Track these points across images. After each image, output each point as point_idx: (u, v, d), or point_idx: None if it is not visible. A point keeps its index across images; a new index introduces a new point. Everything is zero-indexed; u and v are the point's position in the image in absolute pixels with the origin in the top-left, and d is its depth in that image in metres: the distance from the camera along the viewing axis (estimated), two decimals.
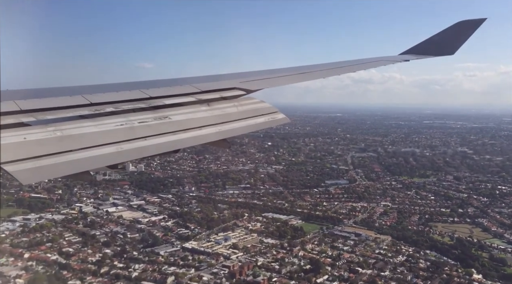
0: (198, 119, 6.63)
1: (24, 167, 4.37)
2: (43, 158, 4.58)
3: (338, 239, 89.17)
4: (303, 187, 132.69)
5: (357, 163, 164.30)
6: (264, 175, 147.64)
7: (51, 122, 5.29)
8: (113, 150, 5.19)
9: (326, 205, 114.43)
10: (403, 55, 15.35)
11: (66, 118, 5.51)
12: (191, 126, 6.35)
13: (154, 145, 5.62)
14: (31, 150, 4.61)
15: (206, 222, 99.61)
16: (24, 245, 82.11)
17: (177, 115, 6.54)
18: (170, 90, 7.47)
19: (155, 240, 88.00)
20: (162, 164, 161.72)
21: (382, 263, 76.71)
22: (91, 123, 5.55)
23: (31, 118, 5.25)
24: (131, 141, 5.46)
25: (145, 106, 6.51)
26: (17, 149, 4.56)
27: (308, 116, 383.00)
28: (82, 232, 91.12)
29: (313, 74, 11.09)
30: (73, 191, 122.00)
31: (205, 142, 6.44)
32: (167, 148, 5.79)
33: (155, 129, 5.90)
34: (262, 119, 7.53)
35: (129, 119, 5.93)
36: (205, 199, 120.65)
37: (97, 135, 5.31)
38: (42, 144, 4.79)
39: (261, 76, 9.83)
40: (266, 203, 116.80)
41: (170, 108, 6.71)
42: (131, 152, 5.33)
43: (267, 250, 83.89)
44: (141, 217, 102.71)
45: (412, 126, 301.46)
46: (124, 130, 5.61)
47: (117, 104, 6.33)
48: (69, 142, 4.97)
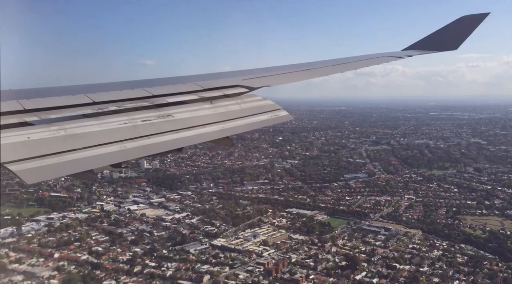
0: (201, 117, 6.60)
1: (28, 167, 4.34)
2: (47, 157, 4.55)
3: (368, 234, 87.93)
4: (322, 182, 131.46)
5: (373, 156, 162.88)
6: (281, 170, 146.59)
7: (54, 121, 5.28)
8: (117, 148, 5.17)
9: (349, 200, 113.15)
10: (406, 51, 15.30)
11: (69, 117, 5.50)
12: (194, 124, 6.34)
13: (157, 143, 5.61)
14: (35, 149, 4.59)
15: (231, 219, 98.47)
16: (52, 245, 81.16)
17: (180, 113, 6.51)
18: (173, 88, 7.44)
19: (183, 238, 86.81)
20: (176, 161, 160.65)
21: (418, 258, 75.50)
22: (95, 122, 5.53)
23: (35, 118, 5.24)
24: (134, 140, 5.44)
25: (148, 105, 6.47)
26: (21, 149, 4.53)
27: (313, 110, 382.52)
28: (108, 230, 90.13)
29: (315, 72, 10.98)
30: (92, 189, 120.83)
31: (208, 140, 6.36)
32: (170, 146, 5.78)
33: (158, 127, 5.89)
34: (265, 116, 7.47)
35: (132, 117, 5.90)
36: (225, 195, 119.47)
37: (101, 134, 5.31)
38: (45, 143, 4.77)
39: (263, 73, 9.80)
40: (287, 199, 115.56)
41: (173, 106, 6.69)
42: (134, 150, 5.31)
43: (298, 246, 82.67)
44: (164, 215, 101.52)
45: (419, 118, 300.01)
46: (127, 129, 5.61)
47: (120, 102, 6.31)
48: (73, 141, 4.97)
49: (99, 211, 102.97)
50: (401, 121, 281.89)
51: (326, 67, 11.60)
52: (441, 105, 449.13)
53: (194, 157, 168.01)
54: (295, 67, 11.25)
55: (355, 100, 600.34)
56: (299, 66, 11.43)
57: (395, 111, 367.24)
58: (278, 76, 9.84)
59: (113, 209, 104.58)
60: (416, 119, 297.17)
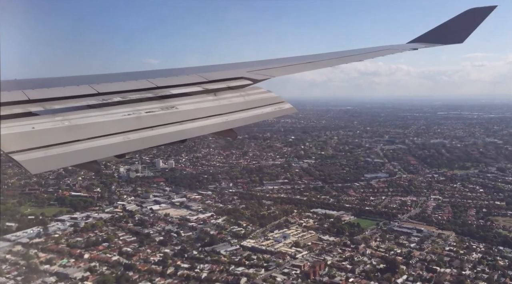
0: (205, 109, 6.57)
1: (33, 157, 4.33)
2: (51, 147, 4.54)
3: (400, 235, 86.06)
4: (343, 181, 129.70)
5: (390, 155, 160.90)
6: (299, 169, 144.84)
7: (59, 111, 5.25)
8: (120, 139, 5.12)
9: (374, 200, 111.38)
10: (412, 44, 15.00)
11: (73, 108, 5.48)
12: (198, 116, 6.28)
13: (161, 134, 5.56)
14: (39, 139, 4.59)
15: (257, 219, 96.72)
16: (81, 245, 79.71)
17: (184, 105, 6.45)
18: (177, 80, 7.40)
19: (211, 239, 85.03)
20: (191, 160, 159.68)
21: (458, 261, 73.58)
22: (99, 112, 5.50)
23: (39, 108, 5.21)
24: (138, 131, 5.40)
25: (152, 96, 6.45)
26: (26, 139, 4.53)
27: (320, 110, 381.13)
28: (134, 231, 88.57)
29: (320, 63, 10.85)
30: (112, 189, 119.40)
31: (212, 132, 6.33)
32: (174, 138, 5.69)
33: (162, 119, 5.86)
34: (268, 109, 7.39)
35: (136, 108, 5.88)
36: (246, 195, 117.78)
37: (105, 125, 5.27)
38: (50, 133, 4.76)
39: (268, 65, 9.69)
40: (310, 199, 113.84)
41: (177, 97, 6.65)
42: (138, 141, 5.26)
43: (330, 248, 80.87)
44: (188, 215, 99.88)
45: (428, 118, 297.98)
46: (131, 120, 5.58)
47: (124, 93, 6.28)
48: (77, 132, 4.95)
49: (122, 211, 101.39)
50: (411, 121, 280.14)
51: (330, 59, 11.52)
52: (447, 104, 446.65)
53: (208, 156, 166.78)
54: (299, 59, 11.18)
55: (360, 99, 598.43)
56: (303, 58, 11.37)
57: (403, 111, 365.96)
58: (282, 68, 9.72)
59: (135, 209, 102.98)
60: (425, 118, 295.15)
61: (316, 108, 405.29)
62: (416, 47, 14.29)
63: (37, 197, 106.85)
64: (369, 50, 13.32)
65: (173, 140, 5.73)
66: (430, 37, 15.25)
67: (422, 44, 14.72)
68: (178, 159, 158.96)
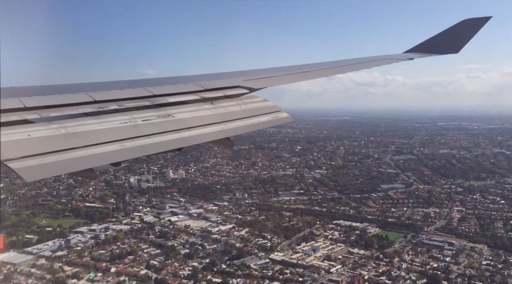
0: (202, 118, 6.54)
1: (28, 164, 4.30)
2: (47, 155, 4.51)
3: (432, 248, 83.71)
4: (359, 192, 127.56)
5: (402, 166, 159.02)
6: (312, 179, 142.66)
7: (55, 119, 5.19)
8: (117, 147, 5.09)
9: (395, 211, 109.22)
10: (408, 54, 15.01)
11: (70, 116, 5.41)
12: (195, 125, 6.25)
13: (157, 143, 5.52)
14: (35, 147, 4.55)
15: (281, 231, 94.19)
16: (105, 258, 77.00)
17: (180, 113, 6.42)
18: (173, 88, 7.33)
19: (239, 252, 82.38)
20: (200, 170, 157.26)
21: (499, 276, 71.41)
22: (95, 120, 5.47)
23: (35, 115, 5.17)
24: (134, 139, 5.35)
25: (148, 104, 6.41)
26: (21, 146, 4.49)
27: (319, 120, 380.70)
28: (158, 243, 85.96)
29: (316, 73, 10.81)
30: (125, 199, 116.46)
31: (209, 140, 6.30)
32: (170, 146, 5.67)
33: (158, 127, 5.81)
34: (265, 117, 7.36)
35: (133, 117, 5.83)
36: (264, 206, 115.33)
37: (101, 133, 5.23)
38: (46, 141, 4.72)
39: (264, 74, 9.64)
40: (330, 210, 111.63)
41: (174, 106, 6.61)
42: (134, 150, 5.22)
43: (363, 262, 78.48)
44: (208, 226, 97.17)
45: (429, 128, 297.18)
46: (127, 128, 5.53)
47: (121, 102, 6.21)
48: (73, 140, 4.91)
49: (140, 222, 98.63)
50: (412, 131, 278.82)
51: (326, 68, 11.42)
52: (444, 115, 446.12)
53: (217, 166, 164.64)
54: (296, 68, 11.08)
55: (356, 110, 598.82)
56: (300, 67, 11.28)
57: (402, 121, 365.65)
58: (279, 77, 9.68)
59: (153, 220, 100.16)
60: (425, 129, 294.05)
61: (315, 118, 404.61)
62: (412, 57, 14.28)
63: (51, 208, 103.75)
64: (365, 59, 13.20)
65: (170, 148, 5.72)
66: (425, 47, 15.29)
67: (417, 54, 14.74)
68: (187, 169, 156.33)
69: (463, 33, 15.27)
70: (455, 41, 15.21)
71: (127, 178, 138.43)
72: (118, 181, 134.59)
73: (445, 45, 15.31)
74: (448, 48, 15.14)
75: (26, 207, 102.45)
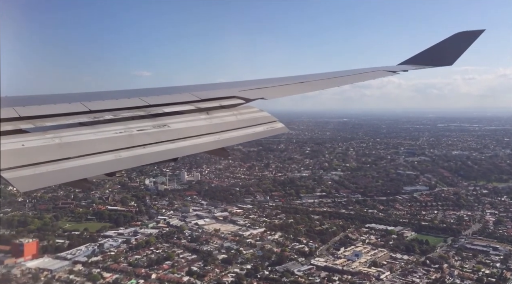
0: (197, 128, 6.51)
1: (22, 174, 4.27)
2: (41, 165, 4.48)
3: (478, 253, 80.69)
4: (383, 194, 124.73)
5: (419, 167, 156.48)
6: (331, 182, 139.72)
7: (50, 129, 5.17)
8: (112, 157, 5.06)
9: (426, 214, 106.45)
10: (402, 66, 15.34)
11: (65, 125, 5.40)
12: (190, 135, 6.23)
13: (153, 153, 5.50)
14: (29, 157, 4.51)
15: (316, 235, 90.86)
16: (143, 264, 73.39)
17: (176, 123, 6.37)
18: (169, 98, 7.32)
19: (279, 257, 78.92)
20: (214, 173, 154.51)
21: None
22: (90, 130, 5.43)
23: (30, 125, 5.15)
24: (129, 149, 5.31)
25: (144, 114, 6.38)
26: (15, 156, 4.46)
27: (319, 121, 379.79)
28: (192, 248, 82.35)
29: (312, 85, 10.91)
30: (146, 202, 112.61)
31: (204, 150, 6.28)
32: (166, 156, 5.63)
33: (154, 137, 5.79)
34: (261, 128, 7.35)
35: (128, 126, 5.80)
36: (290, 209, 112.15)
37: (96, 143, 5.20)
38: (40, 151, 4.68)
39: (260, 85, 9.71)
40: (358, 213, 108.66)
41: (169, 116, 6.56)
42: (129, 160, 5.18)
43: (411, 268, 75.34)
44: (239, 230, 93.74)
45: (431, 130, 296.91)
46: (123, 138, 5.50)
47: (116, 111, 6.20)
48: (68, 149, 4.87)
49: (167, 226, 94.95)
50: (415, 133, 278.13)
51: (322, 80, 11.46)
52: (441, 117, 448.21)
53: (230, 168, 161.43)
54: (291, 80, 11.06)
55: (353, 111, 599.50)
56: (295, 78, 11.32)
57: (402, 123, 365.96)
58: (274, 88, 9.69)
59: (180, 224, 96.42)
60: (428, 130, 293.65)
61: (314, 119, 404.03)
62: (406, 69, 14.51)
63: (72, 211, 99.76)
64: (360, 71, 13.32)
65: (165, 158, 5.61)
66: (420, 59, 15.59)
67: (412, 66, 15.05)
68: (202, 171, 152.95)
69: (457, 45, 15.55)
70: (449, 53, 15.49)
71: (142, 180, 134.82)
72: (133, 184, 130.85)
73: (439, 57, 15.58)
74: (442, 60, 15.41)
75: (46, 210, 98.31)
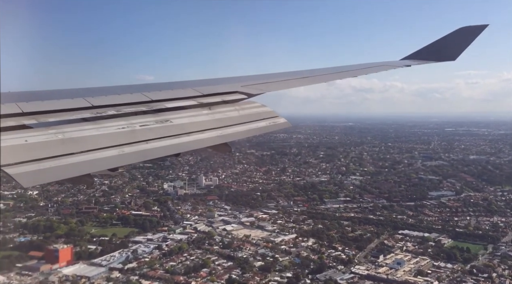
0: (200, 123, 6.51)
1: (25, 170, 4.25)
2: (45, 160, 4.46)
3: None
4: (408, 200, 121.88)
5: (440, 172, 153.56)
6: (353, 186, 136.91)
7: (52, 124, 5.17)
8: (115, 153, 5.06)
9: (458, 220, 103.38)
10: (405, 61, 15.15)
11: (67, 121, 5.40)
12: (193, 130, 6.22)
13: (155, 148, 5.49)
14: (32, 152, 4.51)
15: (351, 242, 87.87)
16: (179, 271, 70.66)
17: (178, 118, 6.39)
18: (171, 94, 7.30)
19: (317, 265, 75.97)
20: (232, 177, 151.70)
21: None
22: (93, 126, 5.43)
23: (33, 121, 5.15)
24: (132, 145, 5.30)
25: (146, 110, 6.38)
26: (19, 152, 4.46)
27: (324, 126, 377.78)
28: (226, 254, 79.68)
29: (314, 78, 10.78)
30: (169, 207, 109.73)
31: (206, 146, 6.22)
32: (168, 151, 5.62)
33: (156, 132, 5.78)
34: (263, 123, 7.33)
35: (131, 122, 5.80)
36: (316, 215, 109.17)
37: (99, 138, 5.19)
38: (43, 146, 4.68)
39: (262, 80, 9.61)
40: (387, 218, 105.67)
41: (172, 111, 6.59)
42: (132, 155, 5.18)
43: (458, 277, 72.28)
44: (269, 236, 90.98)
45: (440, 134, 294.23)
46: (125, 133, 5.51)
47: (119, 107, 6.20)
48: (71, 145, 4.87)
49: (195, 231, 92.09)
50: (424, 137, 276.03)
51: (325, 74, 11.36)
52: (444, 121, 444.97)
53: (247, 172, 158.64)
54: (294, 74, 11.04)
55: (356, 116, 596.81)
56: (298, 73, 11.31)
57: (409, 127, 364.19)
58: (277, 82, 9.62)
59: (208, 230, 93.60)
60: (437, 134, 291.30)
61: (318, 124, 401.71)
62: (409, 64, 14.33)
63: (96, 216, 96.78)
64: (363, 66, 13.18)
65: (168, 154, 5.58)
66: (423, 54, 15.42)
67: (415, 61, 14.85)
68: (219, 176, 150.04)
69: (460, 40, 15.36)
70: (452, 48, 15.31)
71: (160, 185, 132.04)
72: (152, 188, 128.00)
73: (442, 52, 15.35)
74: (445, 55, 15.20)
75: (70, 215, 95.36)
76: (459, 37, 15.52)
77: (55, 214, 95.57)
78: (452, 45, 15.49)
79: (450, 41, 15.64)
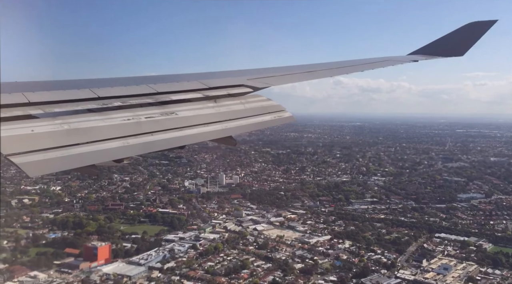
0: (205, 116, 6.44)
1: (31, 159, 4.26)
2: (50, 150, 4.48)
3: None
4: (437, 202, 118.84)
5: (464, 174, 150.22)
6: (377, 187, 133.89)
7: (58, 115, 5.17)
8: (120, 144, 5.06)
9: (494, 224, 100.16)
10: (412, 56, 14.82)
11: (73, 112, 5.39)
12: (198, 123, 6.18)
13: (160, 140, 5.49)
14: (38, 142, 4.53)
15: (390, 245, 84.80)
16: (220, 272, 68.05)
17: (183, 111, 6.32)
18: (177, 86, 7.22)
19: (359, 268, 73.00)
20: (251, 175, 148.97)
21: None
22: (98, 117, 5.42)
23: (39, 111, 5.14)
24: (137, 136, 5.30)
25: (152, 101, 6.32)
26: (25, 141, 4.47)
27: (333, 126, 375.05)
28: (263, 256, 77.17)
29: (320, 73, 10.57)
30: (194, 205, 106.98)
31: (211, 138, 6.22)
32: (173, 143, 5.59)
33: (161, 124, 5.77)
34: (268, 117, 7.26)
35: (136, 114, 5.77)
36: (345, 216, 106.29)
37: (104, 129, 5.20)
38: (49, 136, 4.70)
39: (268, 73, 9.45)
40: (421, 221, 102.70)
41: (177, 104, 6.53)
42: (137, 146, 5.19)
43: None
44: (302, 237, 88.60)
45: (452, 135, 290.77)
46: (131, 125, 5.49)
47: (125, 98, 6.15)
48: (76, 136, 4.89)
49: (225, 230, 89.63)
50: (437, 138, 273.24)
51: (331, 68, 11.29)
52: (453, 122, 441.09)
53: (267, 171, 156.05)
54: (300, 68, 10.93)
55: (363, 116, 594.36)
56: (304, 67, 11.18)
57: (418, 128, 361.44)
58: (283, 76, 9.51)
59: (239, 229, 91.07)
60: (449, 136, 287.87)
61: (326, 123, 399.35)
62: (416, 59, 14.01)
63: (124, 213, 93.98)
64: (370, 61, 12.94)
65: (172, 146, 5.58)
66: (430, 50, 15.06)
67: (422, 56, 14.48)
68: (238, 174, 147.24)
69: (468, 36, 15.09)
70: (460, 44, 14.97)
71: (180, 182, 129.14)
72: (173, 185, 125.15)
73: (450, 48, 14.99)
74: (453, 51, 14.85)
75: (97, 211, 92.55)
76: (467, 33, 15.17)
77: (81, 210, 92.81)
78: (460, 41, 15.13)
79: (458, 36, 15.31)
